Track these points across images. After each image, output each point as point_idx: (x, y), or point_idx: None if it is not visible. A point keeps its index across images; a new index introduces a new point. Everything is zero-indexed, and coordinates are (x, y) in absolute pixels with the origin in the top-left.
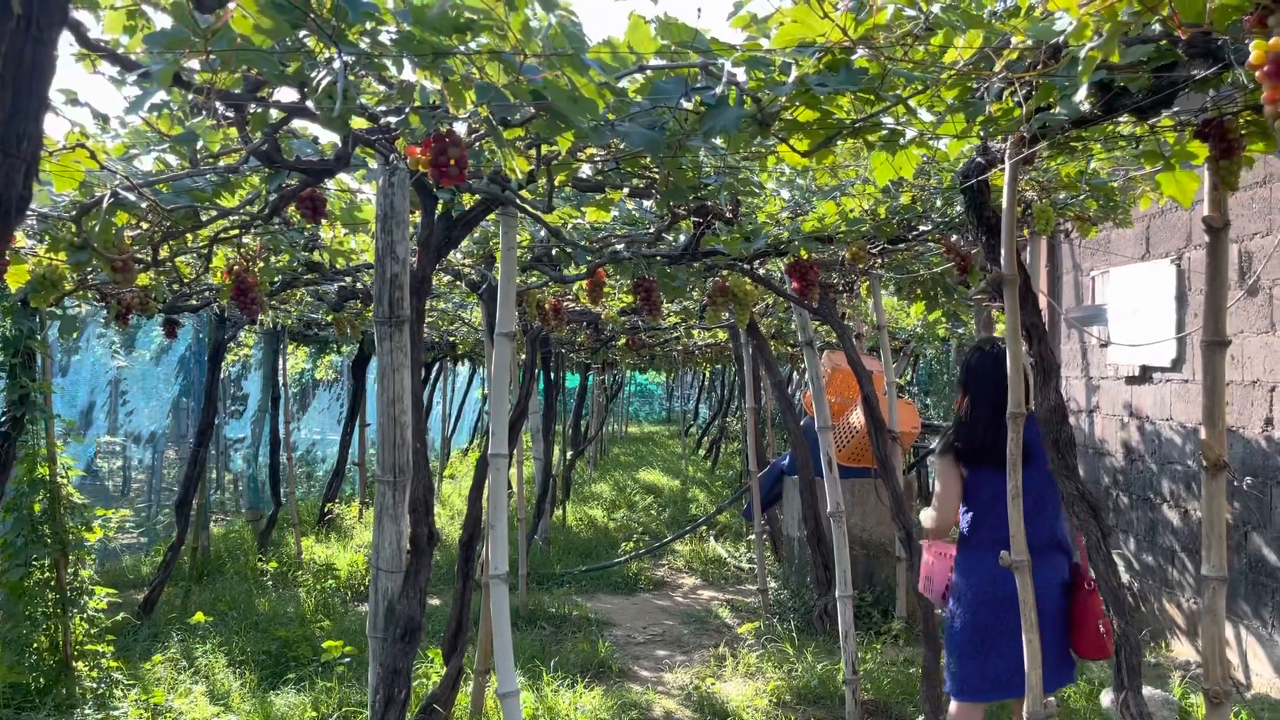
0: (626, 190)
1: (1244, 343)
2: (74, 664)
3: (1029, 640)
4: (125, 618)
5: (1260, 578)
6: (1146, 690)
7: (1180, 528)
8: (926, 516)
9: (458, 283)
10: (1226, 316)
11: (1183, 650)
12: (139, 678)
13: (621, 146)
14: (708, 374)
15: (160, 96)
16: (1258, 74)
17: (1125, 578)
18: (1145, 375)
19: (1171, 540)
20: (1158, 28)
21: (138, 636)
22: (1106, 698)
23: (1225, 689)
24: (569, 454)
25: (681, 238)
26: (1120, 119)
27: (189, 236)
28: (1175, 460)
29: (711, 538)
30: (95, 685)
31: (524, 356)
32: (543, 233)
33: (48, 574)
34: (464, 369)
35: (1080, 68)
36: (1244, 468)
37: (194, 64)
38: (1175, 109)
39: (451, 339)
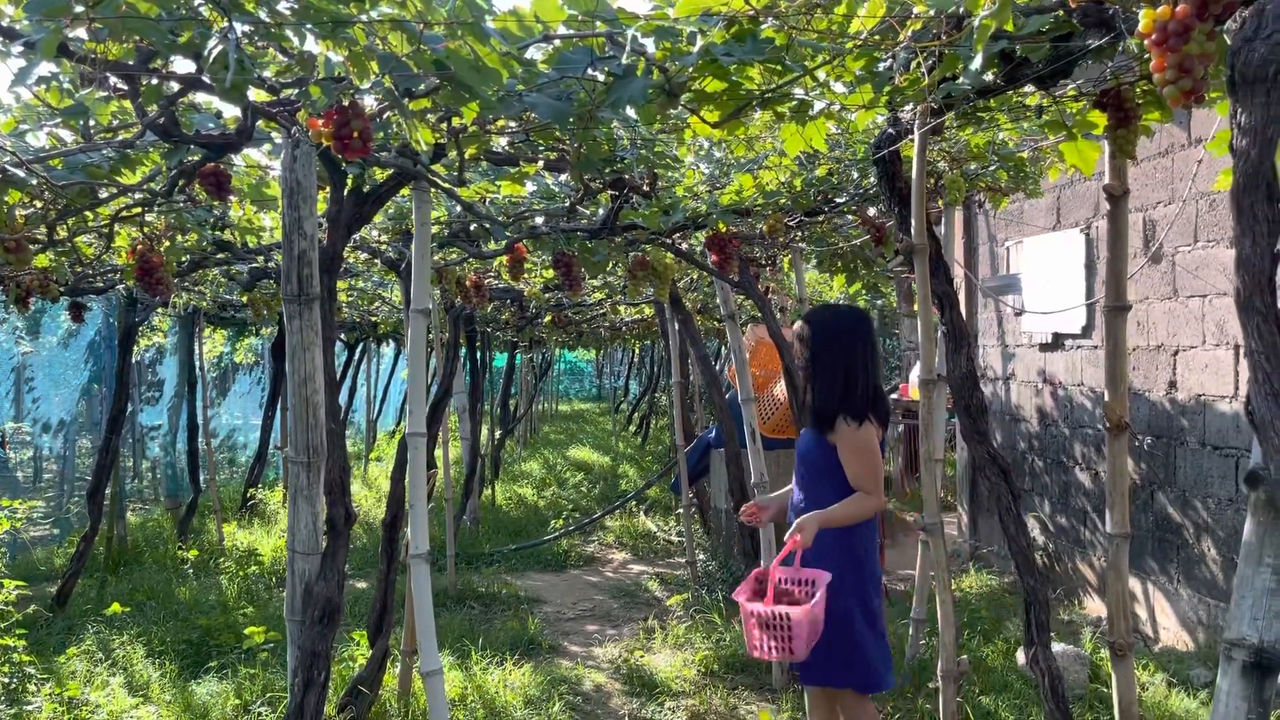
0: (541, 164)
1: (1149, 309)
2: None
3: (943, 601)
4: (37, 610)
5: (1166, 535)
6: (1059, 646)
7: (1091, 489)
8: (857, 507)
9: (375, 260)
10: (1128, 283)
11: (1095, 607)
12: (53, 671)
13: (532, 118)
14: (637, 350)
15: (48, 68)
16: (1147, 42)
17: (1040, 539)
18: (1057, 342)
19: (1083, 501)
20: None
21: (51, 630)
22: (1022, 655)
23: (1129, 641)
24: (498, 433)
25: (601, 212)
26: (1024, 89)
27: (88, 215)
28: (1086, 424)
29: (641, 512)
30: (7, 680)
31: (446, 335)
32: (459, 208)
33: None
34: (389, 350)
35: (975, 36)
36: (1150, 429)
37: (84, 34)
38: (1079, 79)
39: (373, 318)
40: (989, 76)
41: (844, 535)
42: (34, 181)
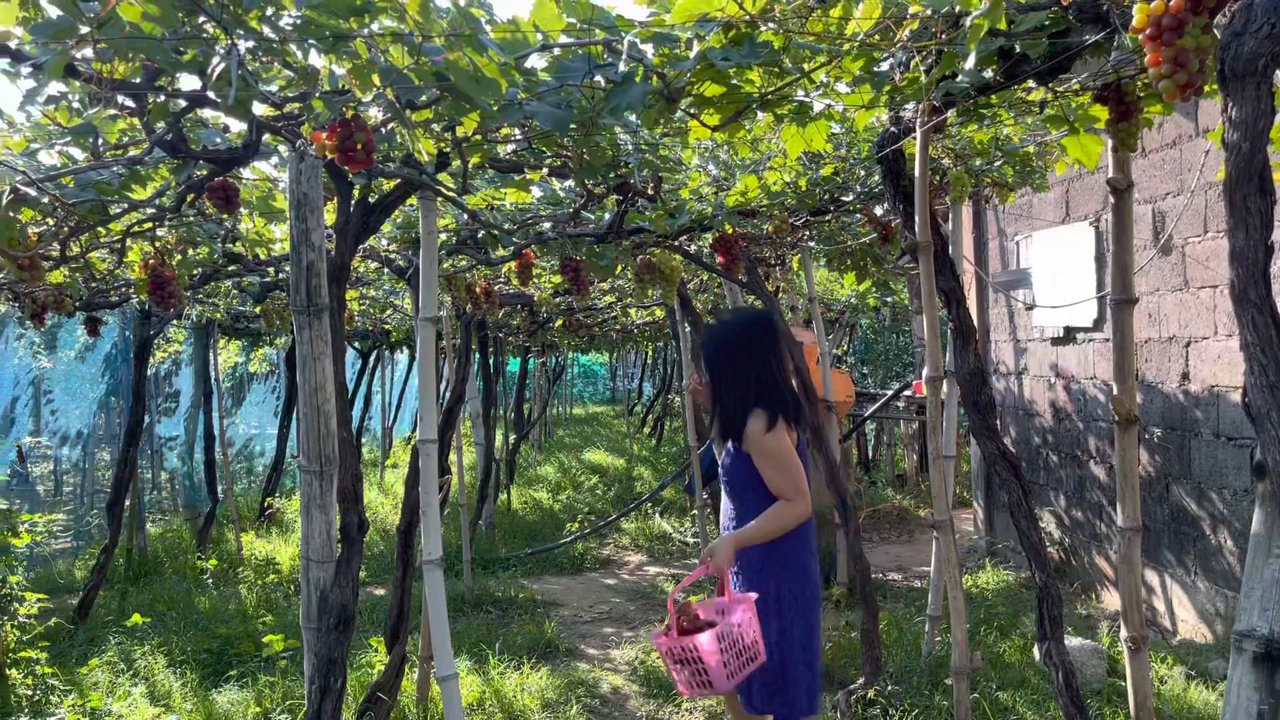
0: (545, 170)
1: (1160, 300)
2: (7, 671)
3: (954, 597)
4: (59, 623)
5: (1182, 527)
6: (1077, 641)
7: (1106, 482)
8: (778, 518)
9: (385, 269)
10: (1135, 275)
11: (1112, 600)
12: (75, 683)
13: (535, 125)
14: (650, 352)
15: (57, 88)
16: (1141, 37)
17: (1056, 533)
18: (1069, 336)
19: (1098, 495)
20: None
21: (73, 641)
22: (1038, 650)
23: (1143, 635)
24: (512, 438)
25: (607, 216)
26: (1026, 84)
27: (100, 231)
28: (1100, 417)
29: (656, 514)
30: (30, 692)
31: (458, 341)
32: (465, 216)
33: None
34: (403, 357)
35: (968, 36)
36: (1163, 421)
37: (90, 54)
38: (1082, 74)
39: (386, 326)
40: (988, 73)
41: (776, 549)
42: (46, 199)
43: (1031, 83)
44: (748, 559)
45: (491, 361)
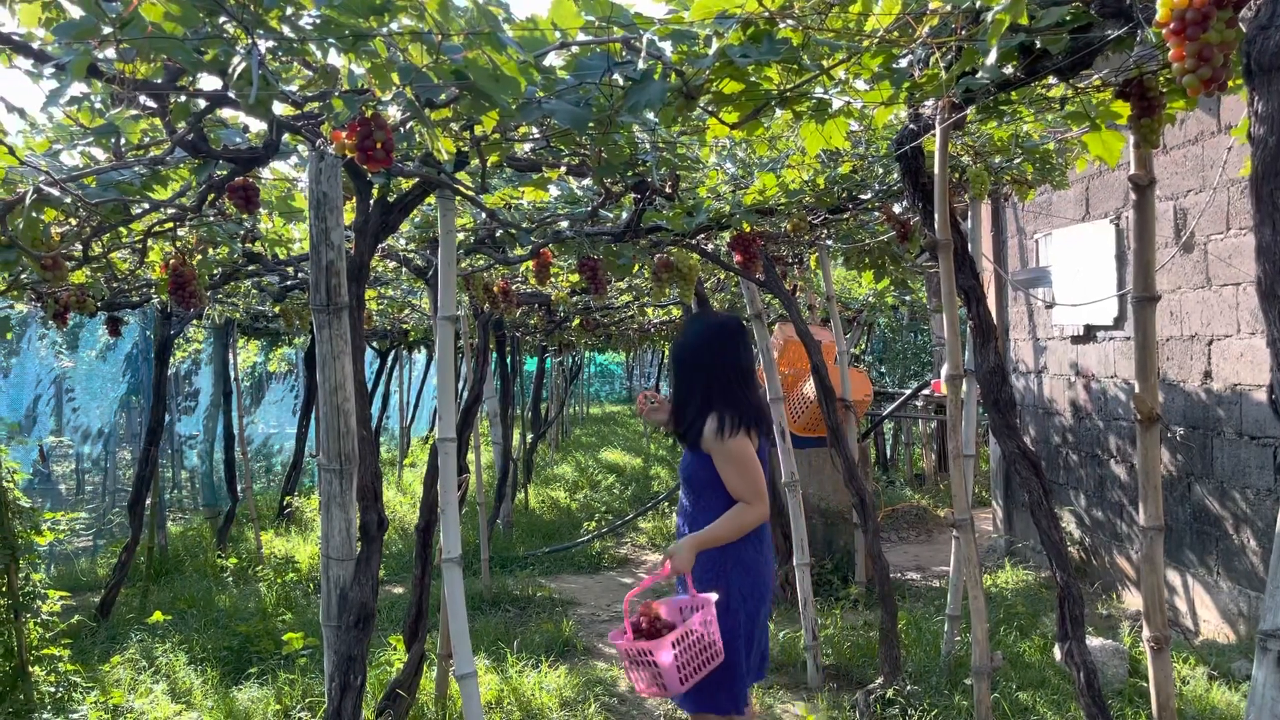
0: (563, 168)
1: (1182, 298)
2: (30, 669)
3: (974, 596)
4: (81, 620)
5: (1204, 527)
6: (1098, 641)
7: (1127, 482)
8: (736, 520)
9: (403, 268)
10: (1160, 272)
11: (1134, 601)
12: (98, 680)
13: (553, 124)
14: (667, 351)
15: (80, 89)
16: (1164, 32)
17: (1077, 533)
18: (1089, 334)
19: (1119, 495)
20: None
21: (95, 639)
22: (1058, 651)
23: (1165, 635)
24: (529, 437)
25: (625, 215)
26: (1047, 80)
27: (122, 231)
28: (1121, 416)
29: (674, 514)
30: (53, 689)
31: (475, 341)
32: (484, 215)
33: None
34: (420, 356)
35: (990, 31)
36: (1185, 420)
37: (112, 54)
38: (1103, 70)
39: (404, 326)
40: (1009, 70)
41: (730, 549)
42: (68, 200)
43: (1052, 79)
44: (701, 559)
45: (509, 361)
